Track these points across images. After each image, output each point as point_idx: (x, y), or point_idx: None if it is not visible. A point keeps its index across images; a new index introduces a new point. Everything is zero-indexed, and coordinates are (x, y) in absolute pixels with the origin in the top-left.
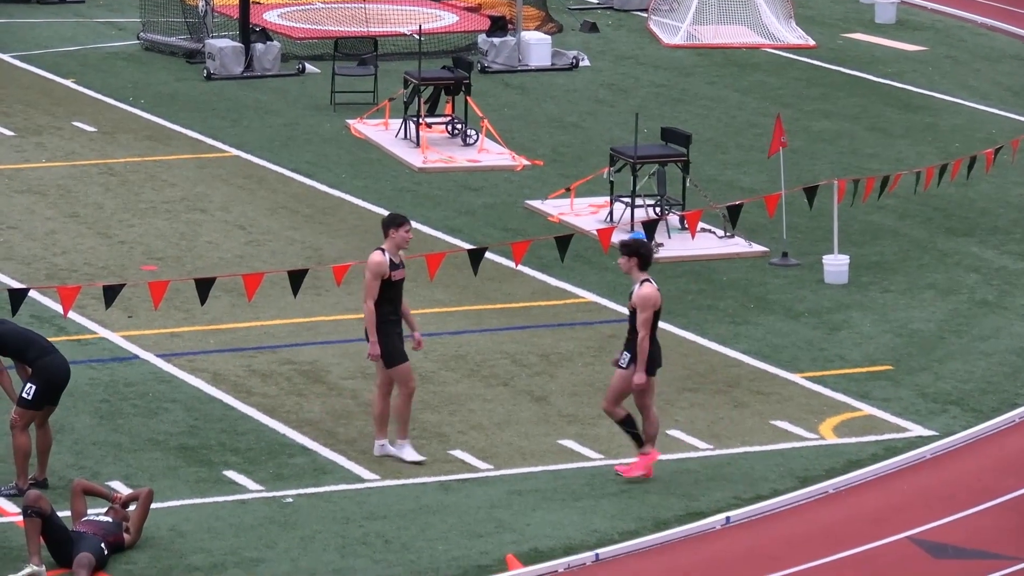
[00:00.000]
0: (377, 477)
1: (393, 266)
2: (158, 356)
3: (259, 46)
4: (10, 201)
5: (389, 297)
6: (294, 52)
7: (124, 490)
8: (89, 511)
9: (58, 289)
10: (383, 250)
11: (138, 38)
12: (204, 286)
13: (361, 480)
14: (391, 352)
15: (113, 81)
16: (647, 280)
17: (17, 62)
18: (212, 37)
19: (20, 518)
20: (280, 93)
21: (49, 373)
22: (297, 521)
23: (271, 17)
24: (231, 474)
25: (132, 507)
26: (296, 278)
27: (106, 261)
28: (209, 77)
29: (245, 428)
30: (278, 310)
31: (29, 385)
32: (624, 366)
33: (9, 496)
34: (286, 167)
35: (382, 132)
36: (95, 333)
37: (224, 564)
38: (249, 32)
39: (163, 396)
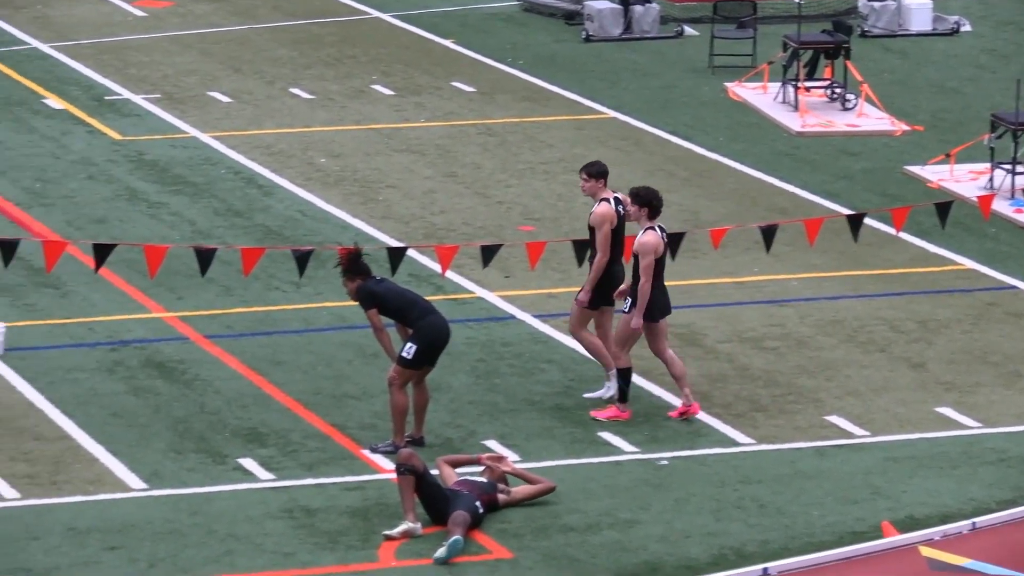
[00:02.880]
0: (752, 441)
1: None
2: (534, 316)
3: (638, 8)
4: (389, 160)
5: None
6: (673, 14)
7: (499, 449)
8: (465, 470)
9: (436, 248)
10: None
11: None
12: (581, 248)
13: (736, 444)
14: None
15: (492, 42)
16: (651, 228)
17: (397, 22)
18: None
19: (396, 475)
20: (658, 55)
21: (430, 333)
22: (671, 483)
23: None
24: (606, 435)
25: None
26: (674, 241)
27: (484, 221)
28: (587, 39)
29: None
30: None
31: (410, 345)
32: (625, 311)
33: (386, 453)
34: (663, 129)
35: (760, 95)
36: (472, 292)
37: (598, 525)
38: None
39: (539, 356)
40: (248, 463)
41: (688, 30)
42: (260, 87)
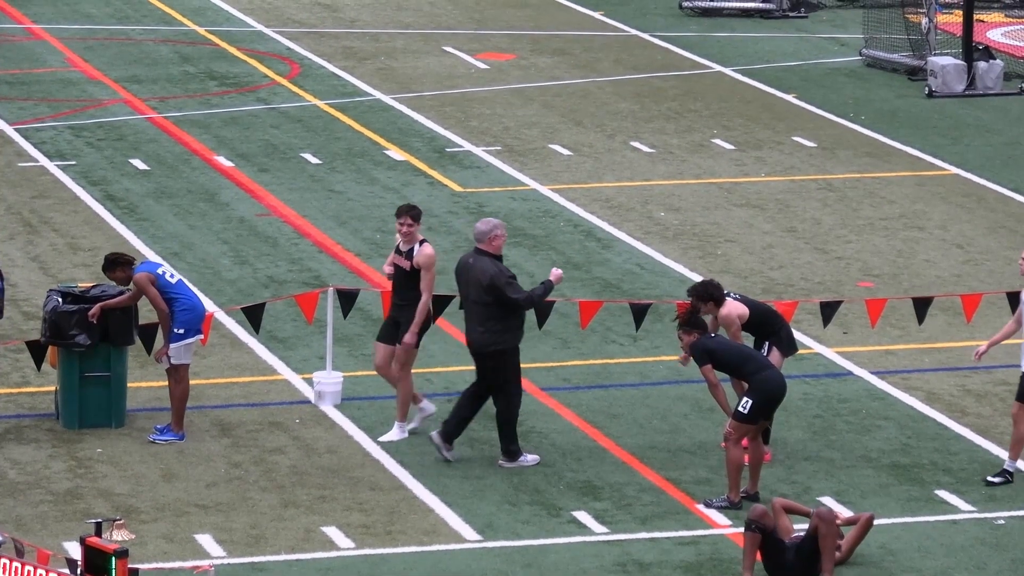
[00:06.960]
0: None
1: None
2: (872, 373)
3: (982, 64)
4: (728, 214)
5: None
6: (1017, 71)
7: (834, 506)
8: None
9: (774, 304)
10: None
11: (860, 54)
12: (922, 305)
13: None
14: None
15: (834, 97)
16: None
17: (739, 76)
18: (934, 55)
19: (733, 531)
20: (1002, 112)
21: (767, 388)
22: (1009, 543)
23: (994, 36)
24: (943, 494)
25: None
26: (1016, 302)
27: (822, 276)
28: (930, 94)
29: (958, 448)
30: (994, 330)
31: (746, 399)
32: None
33: (720, 508)
34: (1006, 186)
35: None
36: (810, 348)
37: None
38: (972, 50)
39: (876, 413)
40: (582, 516)
41: None
42: (600, 140)
